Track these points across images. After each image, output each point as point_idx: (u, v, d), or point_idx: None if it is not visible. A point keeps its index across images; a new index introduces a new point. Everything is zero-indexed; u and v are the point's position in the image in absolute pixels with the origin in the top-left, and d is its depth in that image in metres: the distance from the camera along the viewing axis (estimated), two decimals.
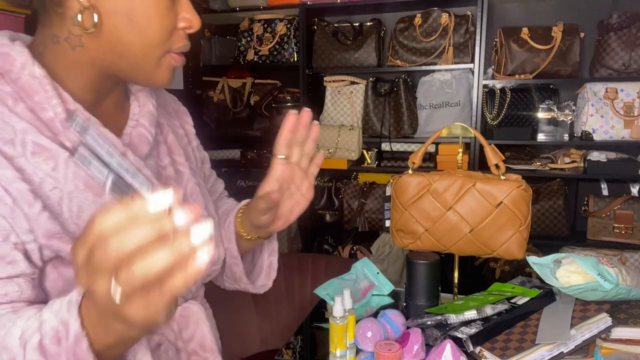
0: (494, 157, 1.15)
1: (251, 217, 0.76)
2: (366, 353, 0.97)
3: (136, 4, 0.57)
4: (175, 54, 0.63)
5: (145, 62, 0.61)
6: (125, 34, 0.58)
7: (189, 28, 0.63)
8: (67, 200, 0.57)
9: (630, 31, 2.17)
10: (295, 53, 2.65)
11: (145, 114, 0.69)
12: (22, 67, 0.56)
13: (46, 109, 0.57)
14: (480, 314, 0.97)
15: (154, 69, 0.61)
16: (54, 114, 0.57)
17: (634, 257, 2.24)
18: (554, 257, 1.02)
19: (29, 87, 0.56)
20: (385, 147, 2.61)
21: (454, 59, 2.41)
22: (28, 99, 0.56)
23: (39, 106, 0.56)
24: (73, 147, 0.58)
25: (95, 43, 0.59)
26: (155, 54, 0.61)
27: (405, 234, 1.22)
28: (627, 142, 2.21)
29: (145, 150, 0.67)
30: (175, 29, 0.61)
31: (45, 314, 0.47)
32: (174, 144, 0.75)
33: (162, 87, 0.67)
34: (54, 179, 0.56)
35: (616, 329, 0.92)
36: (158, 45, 0.60)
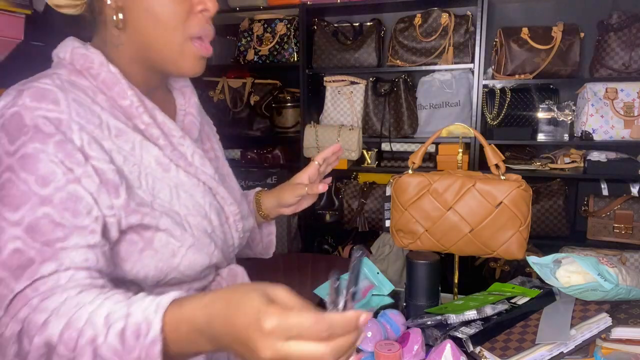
0: (494, 157, 1.15)
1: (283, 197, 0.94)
2: (366, 353, 0.97)
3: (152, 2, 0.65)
4: (197, 41, 0.68)
5: (169, 49, 0.67)
6: (146, 25, 0.66)
7: (205, 10, 0.67)
8: (143, 175, 0.67)
9: (630, 31, 2.17)
10: (295, 53, 2.65)
11: (193, 105, 0.81)
12: (101, 64, 0.67)
13: (125, 98, 0.67)
14: (480, 314, 0.97)
15: (178, 57, 0.68)
16: (131, 102, 0.67)
17: (634, 257, 2.24)
18: (554, 257, 1.02)
19: (109, 80, 0.67)
20: (385, 147, 2.61)
21: (454, 59, 2.41)
22: (107, 90, 0.67)
23: (118, 96, 0.67)
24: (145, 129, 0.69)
25: (129, 39, 0.68)
26: (175, 40, 0.67)
27: (405, 234, 1.22)
28: (627, 142, 2.21)
29: (195, 135, 0.79)
30: (192, 13, 0.67)
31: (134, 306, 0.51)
32: (210, 133, 0.89)
33: (193, 76, 0.71)
34: (133, 157, 0.66)
35: (616, 329, 0.92)
36: (175, 30, 0.66)
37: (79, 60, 0.67)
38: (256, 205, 0.99)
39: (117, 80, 0.67)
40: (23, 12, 1.48)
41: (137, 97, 0.68)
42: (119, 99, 0.67)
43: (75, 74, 0.67)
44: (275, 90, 2.80)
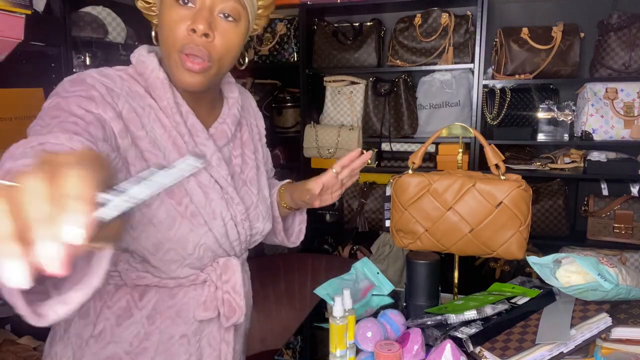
0: (494, 157, 1.15)
1: (294, 196, 1.01)
2: (366, 353, 0.97)
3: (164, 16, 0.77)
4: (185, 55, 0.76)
5: (171, 62, 0.78)
6: (161, 40, 0.79)
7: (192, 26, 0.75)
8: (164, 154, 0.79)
9: (630, 31, 2.17)
10: (295, 53, 2.65)
11: (230, 115, 0.91)
12: (152, 70, 0.81)
13: (163, 100, 0.80)
14: (480, 314, 0.98)
15: (175, 69, 0.78)
16: (167, 103, 0.80)
17: (634, 257, 2.24)
18: (554, 257, 1.02)
19: (155, 84, 0.81)
20: (385, 147, 2.61)
21: (454, 59, 2.41)
22: (153, 91, 0.81)
23: (159, 97, 0.80)
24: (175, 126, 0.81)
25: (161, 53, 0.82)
26: (172, 54, 0.77)
27: (405, 234, 1.22)
28: (627, 142, 2.21)
29: (223, 142, 0.89)
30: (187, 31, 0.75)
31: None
32: (248, 140, 0.97)
33: (188, 88, 0.79)
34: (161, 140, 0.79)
35: (616, 329, 0.92)
36: (170, 44, 0.77)
37: (139, 65, 0.82)
38: (279, 197, 1.06)
39: (161, 84, 0.80)
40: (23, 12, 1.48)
41: (173, 100, 0.81)
42: (160, 100, 0.81)
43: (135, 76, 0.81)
44: (275, 90, 2.80)
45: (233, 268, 0.87)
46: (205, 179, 0.83)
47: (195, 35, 0.75)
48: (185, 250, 0.80)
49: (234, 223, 0.86)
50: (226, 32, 0.77)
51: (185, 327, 0.85)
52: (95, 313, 0.82)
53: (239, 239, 0.88)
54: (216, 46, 0.77)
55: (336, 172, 0.97)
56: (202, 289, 0.86)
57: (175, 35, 0.76)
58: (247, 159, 0.95)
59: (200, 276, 0.86)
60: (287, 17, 2.68)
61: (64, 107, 0.68)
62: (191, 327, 0.86)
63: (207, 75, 0.79)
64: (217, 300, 0.87)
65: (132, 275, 0.81)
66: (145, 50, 0.84)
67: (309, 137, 2.58)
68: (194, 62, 0.76)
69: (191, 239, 0.79)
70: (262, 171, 1.00)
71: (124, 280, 0.81)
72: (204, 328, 0.88)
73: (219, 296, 0.87)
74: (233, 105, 0.93)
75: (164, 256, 0.79)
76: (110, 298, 0.82)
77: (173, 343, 0.85)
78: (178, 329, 0.85)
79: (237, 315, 0.88)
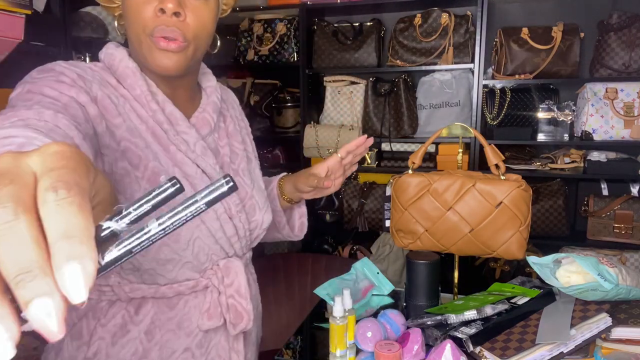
0: (494, 157, 1.15)
1: (299, 185, 0.98)
2: (366, 353, 0.97)
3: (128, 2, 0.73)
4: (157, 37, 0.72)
5: (142, 47, 0.74)
6: (128, 27, 0.75)
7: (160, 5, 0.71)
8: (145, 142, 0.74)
9: (630, 31, 2.17)
10: (295, 53, 2.65)
11: (210, 103, 0.87)
12: (120, 60, 0.77)
13: (135, 88, 0.76)
14: (480, 314, 0.97)
15: (149, 54, 0.74)
16: (141, 91, 0.76)
17: (634, 257, 2.24)
18: (554, 257, 1.02)
19: (125, 74, 0.76)
20: (385, 147, 2.61)
21: (454, 59, 2.41)
22: (124, 81, 0.76)
23: (131, 86, 0.76)
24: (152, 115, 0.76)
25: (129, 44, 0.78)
26: (143, 38, 0.73)
27: (405, 234, 1.22)
28: (627, 142, 2.21)
29: (205, 131, 0.85)
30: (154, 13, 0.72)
31: None
32: (234, 132, 0.93)
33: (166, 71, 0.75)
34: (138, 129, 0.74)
35: (616, 329, 0.92)
36: (140, 28, 0.73)
37: (107, 58, 0.78)
38: (279, 190, 1.03)
39: (132, 73, 0.76)
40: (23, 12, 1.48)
41: (147, 88, 0.76)
42: (131, 89, 0.76)
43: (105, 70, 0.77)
44: (275, 90, 2.80)
45: (235, 270, 0.82)
46: (192, 170, 0.77)
47: (165, 15, 0.71)
48: (178, 244, 0.74)
49: (228, 216, 0.81)
50: (197, 9, 0.73)
51: (188, 340, 0.80)
52: (88, 333, 0.76)
53: (237, 234, 0.83)
54: (189, 25, 0.73)
55: (341, 157, 0.96)
56: (204, 296, 0.81)
57: (143, 18, 0.71)
58: (235, 149, 0.91)
59: (201, 282, 0.80)
60: (287, 17, 2.68)
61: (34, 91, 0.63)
62: (195, 339, 0.80)
63: (185, 55, 0.74)
64: (222, 307, 0.81)
65: (126, 288, 0.75)
66: (114, 45, 0.81)
67: (309, 137, 2.58)
68: (168, 42, 0.72)
69: (183, 233, 0.74)
70: (256, 164, 0.97)
71: (117, 294, 0.76)
72: (210, 339, 0.82)
73: (223, 302, 0.81)
74: (212, 93, 0.89)
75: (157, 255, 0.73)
76: (104, 315, 0.76)
77: (176, 358, 0.79)
78: (180, 343, 0.79)
79: (244, 321, 0.82)
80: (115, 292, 0.75)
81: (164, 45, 0.72)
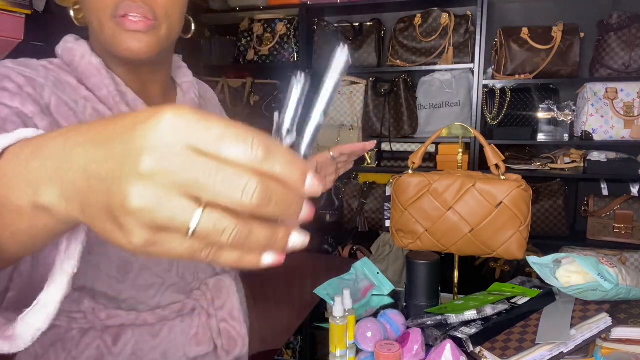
0: (494, 157, 1.15)
1: None
2: (366, 353, 0.97)
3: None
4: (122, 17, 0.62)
5: (105, 32, 0.63)
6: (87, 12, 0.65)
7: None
8: None
9: (630, 31, 2.17)
10: (295, 53, 2.65)
11: (188, 101, 0.77)
12: (82, 56, 0.66)
13: (102, 88, 0.66)
14: (480, 314, 0.97)
15: (113, 38, 0.63)
16: (108, 92, 0.66)
17: (634, 257, 2.24)
18: (554, 257, 1.02)
19: (87, 71, 0.66)
20: (385, 147, 2.61)
21: (454, 59, 2.41)
22: (87, 81, 0.66)
23: (96, 86, 0.66)
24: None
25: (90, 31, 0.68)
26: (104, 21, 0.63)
27: (405, 234, 1.22)
28: (627, 142, 2.21)
29: None
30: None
31: None
32: None
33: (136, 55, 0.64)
34: None
35: (616, 329, 0.92)
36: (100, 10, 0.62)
37: (65, 54, 0.67)
38: None
39: (96, 71, 0.66)
40: (23, 12, 1.48)
41: (115, 88, 0.66)
42: (97, 89, 0.65)
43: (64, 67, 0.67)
44: (275, 90, 2.80)
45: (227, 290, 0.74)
46: None
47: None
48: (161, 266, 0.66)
49: None
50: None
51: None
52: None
53: None
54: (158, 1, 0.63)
55: (332, 156, 0.93)
56: (191, 319, 0.71)
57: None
58: None
59: (188, 304, 0.71)
60: (287, 17, 2.68)
61: None
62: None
63: (156, 35, 0.64)
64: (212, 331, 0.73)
65: (101, 314, 0.64)
66: (73, 38, 0.69)
67: None
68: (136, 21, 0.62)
69: None
70: None
71: (90, 322, 0.64)
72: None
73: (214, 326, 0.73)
74: (189, 89, 0.79)
75: (137, 280, 0.64)
76: (76, 346, 0.65)
77: None
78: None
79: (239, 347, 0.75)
80: (88, 319, 0.64)
81: (131, 25, 0.61)
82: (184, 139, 0.27)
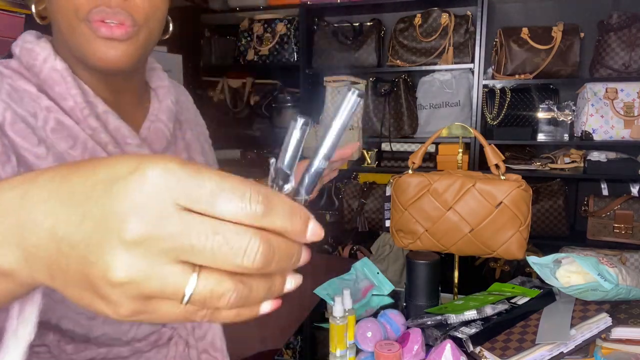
0: (494, 157, 1.15)
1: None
2: (366, 353, 0.97)
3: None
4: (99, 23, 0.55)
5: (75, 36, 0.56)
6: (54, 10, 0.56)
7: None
8: None
9: (630, 31, 2.17)
10: (295, 53, 2.65)
11: (164, 109, 0.69)
12: (44, 60, 0.58)
13: (67, 99, 0.57)
14: (480, 314, 0.97)
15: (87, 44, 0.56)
16: (75, 103, 0.57)
17: (634, 257, 2.24)
18: (554, 257, 1.02)
19: (50, 78, 0.57)
20: (385, 147, 2.61)
21: (454, 59, 2.41)
22: (50, 89, 0.57)
23: (60, 96, 0.57)
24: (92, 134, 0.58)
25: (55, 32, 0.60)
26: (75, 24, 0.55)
27: (405, 234, 1.22)
28: (627, 142, 2.21)
29: (162, 145, 0.66)
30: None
31: None
32: (192, 140, 0.76)
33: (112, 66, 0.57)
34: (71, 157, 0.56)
35: (616, 329, 0.92)
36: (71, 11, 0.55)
37: (25, 55, 0.58)
38: None
39: (61, 78, 0.57)
40: (23, 12, 1.48)
41: (83, 98, 0.58)
42: (61, 100, 0.57)
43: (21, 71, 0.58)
44: (275, 90, 2.80)
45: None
46: None
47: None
48: None
49: None
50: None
51: None
52: None
53: None
54: (137, 3, 0.56)
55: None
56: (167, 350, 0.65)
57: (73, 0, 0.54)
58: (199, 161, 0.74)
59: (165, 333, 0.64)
60: (287, 17, 2.68)
61: None
62: None
63: (135, 43, 0.57)
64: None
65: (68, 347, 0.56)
66: (33, 35, 0.60)
67: (309, 137, 2.57)
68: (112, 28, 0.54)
69: None
70: None
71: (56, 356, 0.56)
72: None
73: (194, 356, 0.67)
74: (165, 96, 0.70)
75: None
76: None
77: None
78: None
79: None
80: (53, 353, 0.56)
81: (106, 32, 0.54)
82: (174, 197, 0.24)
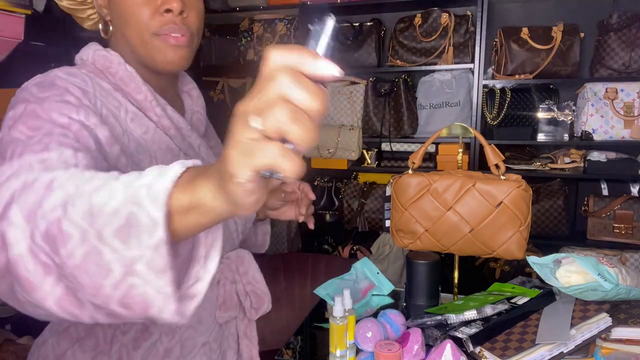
0: (494, 157, 1.15)
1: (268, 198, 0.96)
2: (366, 353, 0.97)
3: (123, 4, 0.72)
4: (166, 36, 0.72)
5: (147, 47, 0.73)
6: (123, 29, 0.74)
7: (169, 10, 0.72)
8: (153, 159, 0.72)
9: (630, 31, 2.17)
10: None
11: (200, 104, 0.89)
12: (119, 64, 0.74)
13: (139, 93, 0.74)
14: (480, 314, 0.97)
15: (157, 52, 0.73)
16: (145, 96, 0.74)
17: (634, 257, 2.24)
18: (554, 257, 1.02)
19: (126, 78, 0.74)
20: (385, 147, 2.61)
21: (454, 59, 2.41)
22: (125, 86, 0.74)
23: (134, 91, 0.74)
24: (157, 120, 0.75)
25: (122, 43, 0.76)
26: (148, 38, 0.72)
27: (405, 234, 1.22)
28: (627, 142, 2.21)
29: (202, 131, 0.86)
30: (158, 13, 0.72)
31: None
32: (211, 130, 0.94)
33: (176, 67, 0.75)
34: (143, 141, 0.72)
35: (616, 329, 0.92)
36: (143, 29, 0.72)
37: (100, 60, 0.74)
38: None
39: (132, 78, 0.74)
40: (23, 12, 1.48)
41: (150, 92, 0.75)
42: (135, 93, 0.74)
43: (96, 73, 0.73)
44: None
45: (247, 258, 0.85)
46: None
47: (171, 14, 0.71)
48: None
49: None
50: (193, 3, 0.75)
51: (207, 334, 0.80)
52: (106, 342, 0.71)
53: (237, 229, 0.86)
54: (191, 19, 0.74)
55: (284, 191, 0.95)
56: (217, 290, 0.82)
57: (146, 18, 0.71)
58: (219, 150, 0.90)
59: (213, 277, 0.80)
60: (287, 17, 2.68)
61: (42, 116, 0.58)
62: (212, 333, 0.82)
63: (191, 48, 0.76)
64: (239, 296, 0.84)
65: None
66: (98, 45, 0.78)
67: None
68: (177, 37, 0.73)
69: None
70: None
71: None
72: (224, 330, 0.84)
73: (241, 290, 0.84)
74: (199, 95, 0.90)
75: None
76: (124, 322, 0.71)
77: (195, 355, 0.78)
78: (200, 338, 0.79)
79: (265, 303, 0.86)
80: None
81: (174, 41, 0.73)
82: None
